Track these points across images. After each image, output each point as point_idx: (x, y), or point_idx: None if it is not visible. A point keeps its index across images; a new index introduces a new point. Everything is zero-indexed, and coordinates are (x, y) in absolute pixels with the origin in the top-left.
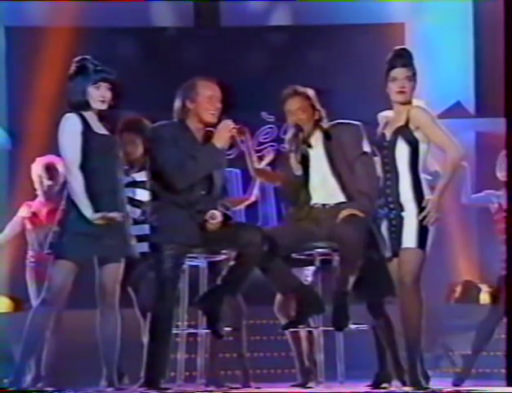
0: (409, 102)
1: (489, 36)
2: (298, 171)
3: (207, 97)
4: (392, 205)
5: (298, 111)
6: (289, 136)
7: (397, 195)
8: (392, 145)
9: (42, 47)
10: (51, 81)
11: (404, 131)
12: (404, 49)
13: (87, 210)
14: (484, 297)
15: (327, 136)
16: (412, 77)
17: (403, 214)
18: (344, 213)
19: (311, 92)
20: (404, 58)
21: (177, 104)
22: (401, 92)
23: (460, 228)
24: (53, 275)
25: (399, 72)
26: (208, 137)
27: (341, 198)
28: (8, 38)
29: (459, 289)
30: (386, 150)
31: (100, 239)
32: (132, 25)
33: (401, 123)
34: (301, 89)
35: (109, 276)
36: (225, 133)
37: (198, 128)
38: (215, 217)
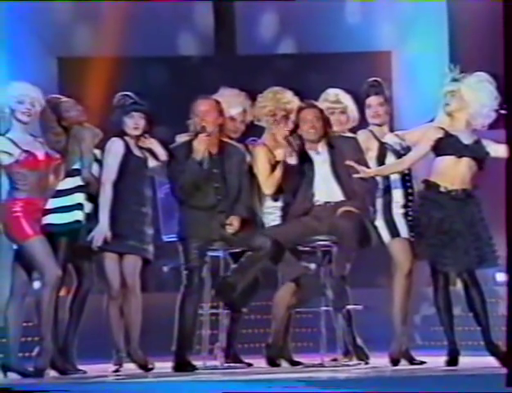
0: (383, 124)
1: (470, 64)
2: (292, 160)
3: (201, 112)
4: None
5: (313, 119)
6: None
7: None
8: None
9: (89, 76)
10: (95, 108)
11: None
12: (376, 80)
13: (104, 219)
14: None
15: (331, 145)
16: (384, 102)
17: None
18: (342, 209)
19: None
20: (376, 87)
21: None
22: (376, 116)
23: None
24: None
25: (372, 99)
26: (220, 150)
27: (340, 197)
28: (60, 69)
29: None
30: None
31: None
32: (160, 54)
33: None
34: (317, 103)
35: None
36: (199, 145)
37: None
38: (233, 224)
